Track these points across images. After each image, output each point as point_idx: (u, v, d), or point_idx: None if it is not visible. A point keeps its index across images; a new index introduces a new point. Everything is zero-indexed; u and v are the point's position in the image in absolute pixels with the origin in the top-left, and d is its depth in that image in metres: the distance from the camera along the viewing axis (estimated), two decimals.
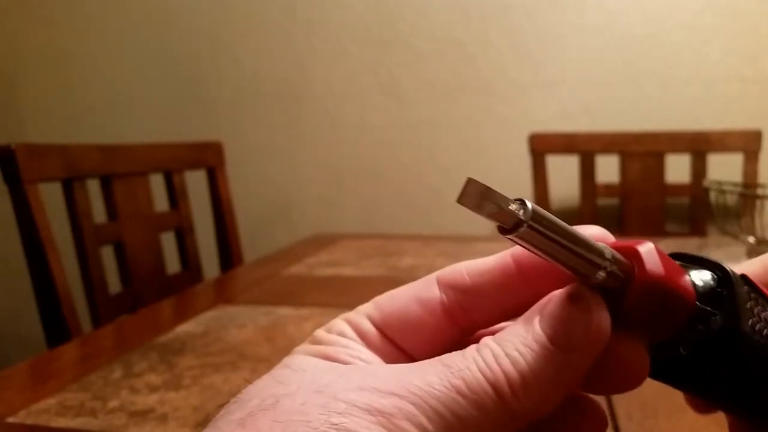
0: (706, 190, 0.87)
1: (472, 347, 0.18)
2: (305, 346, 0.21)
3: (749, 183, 1.17)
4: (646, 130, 1.37)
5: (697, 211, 1.31)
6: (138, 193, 1.01)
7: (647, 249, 0.18)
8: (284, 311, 0.71)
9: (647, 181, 1.34)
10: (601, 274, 0.18)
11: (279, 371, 0.20)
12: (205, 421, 0.44)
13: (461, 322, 0.22)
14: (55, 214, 0.87)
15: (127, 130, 1.76)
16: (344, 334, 0.21)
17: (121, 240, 0.96)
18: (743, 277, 0.20)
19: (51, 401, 0.48)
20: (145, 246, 1.01)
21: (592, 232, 0.20)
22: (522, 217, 0.16)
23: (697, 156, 1.32)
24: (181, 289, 0.94)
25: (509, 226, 0.16)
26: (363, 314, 0.22)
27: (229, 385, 0.50)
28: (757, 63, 1.42)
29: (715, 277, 0.20)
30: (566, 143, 1.36)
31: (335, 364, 0.20)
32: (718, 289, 0.19)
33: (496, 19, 1.53)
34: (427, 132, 1.61)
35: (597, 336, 0.18)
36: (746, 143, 1.31)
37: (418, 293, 0.22)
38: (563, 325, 0.18)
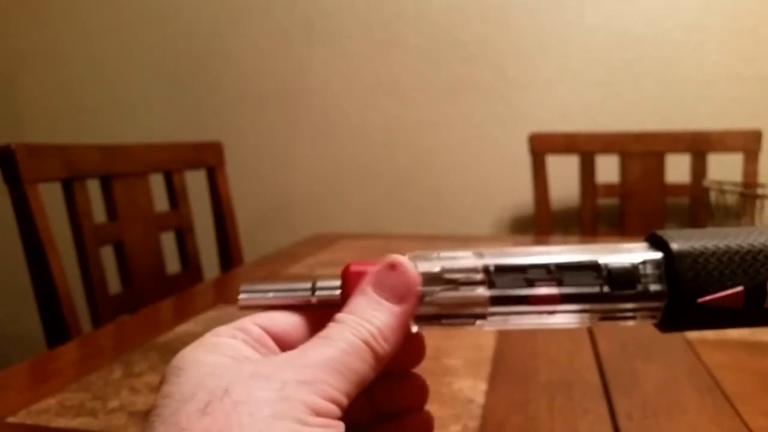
0: (706, 190, 0.87)
1: (332, 324, 0.25)
2: (196, 347, 0.24)
3: (749, 183, 1.17)
4: (646, 130, 1.37)
5: (697, 211, 1.32)
6: (138, 194, 1.01)
7: (354, 266, 0.27)
8: None
9: (647, 181, 1.34)
10: (313, 299, 0.27)
11: (199, 371, 0.22)
12: None
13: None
14: (55, 214, 0.87)
15: (127, 131, 1.77)
16: (233, 336, 0.25)
17: (121, 240, 0.96)
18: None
19: (51, 401, 0.48)
20: (145, 246, 1.01)
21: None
22: (239, 297, 0.27)
23: (697, 156, 1.33)
24: (181, 289, 0.94)
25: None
26: (247, 320, 0.26)
27: None
28: (757, 63, 1.42)
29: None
30: (566, 143, 1.36)
31: (239, 358, 0.24)
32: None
33: (496, 19, 1.53)
34: (427, 132, 1.61)
35: (414, 287, 0.25)
36: (746, 143, 1.31)
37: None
38: (390, 286, 0.25)
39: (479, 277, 0.26)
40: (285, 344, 0.26)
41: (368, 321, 0.24)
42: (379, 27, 1.60)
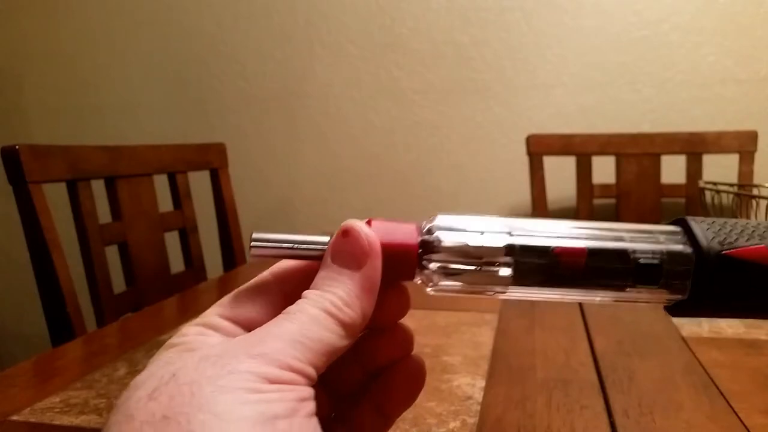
0: (702, 191, 0.87)
1: (297, 301, 0.24)
2: (166, 349, 0.24)
3: (744, 183, 1.17)
4: (642, 132, 1.38)
5: (693, 212, 1.32)
6: (142, 194, 1.01)
7: (376, 222, 0.26)
8: None
9: (643, 182, 1.35)
10: None
11: (156, 364, 0.23)
12: None
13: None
14: (61, 214, 0.88)
15: (132, 132, 1.77)
16: (201, 333, 0.25)
17: (125, 240, 0.96)
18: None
19: (55, 399, 0.48)
20: (150, 246, 1.01)
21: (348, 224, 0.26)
22: (251, 245, 0.26)
23: (692, 157, 1.33)
24: (185, 287, 0.94)
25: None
26: (213, 314, 0.26)
27: None
28: (752, 64, 1.43)
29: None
30: (563, 144, 1.37)
31: (198, 346, 0.23)
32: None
33: (494, 22, 1.54)
34: (427, 133, 1.62)
35: (371, 248, 0.25)
36: (741, 144, 1.32)
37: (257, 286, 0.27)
38: (347, 253, 0.25)
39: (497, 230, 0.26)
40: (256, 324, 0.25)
41: (329, 292, 0.24)
42: (379, 30, 1.61)
